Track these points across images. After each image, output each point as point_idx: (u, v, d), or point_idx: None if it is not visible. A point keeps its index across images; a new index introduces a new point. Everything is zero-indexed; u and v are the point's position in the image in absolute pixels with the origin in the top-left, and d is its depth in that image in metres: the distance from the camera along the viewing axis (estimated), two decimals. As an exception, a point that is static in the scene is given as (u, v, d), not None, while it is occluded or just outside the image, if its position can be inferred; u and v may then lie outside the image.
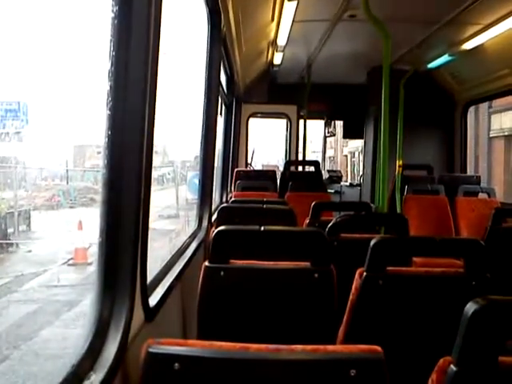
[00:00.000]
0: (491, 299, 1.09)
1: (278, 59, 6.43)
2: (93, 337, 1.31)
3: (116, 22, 1.37)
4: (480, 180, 6.36)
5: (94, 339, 1.31)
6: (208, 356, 1.15)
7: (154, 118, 1.54)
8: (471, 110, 7.87)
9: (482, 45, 5.25)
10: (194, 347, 1.18)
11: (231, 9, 3.58)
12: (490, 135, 15.40)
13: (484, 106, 14.76)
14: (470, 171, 8.34)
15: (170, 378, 1.13)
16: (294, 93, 7.79)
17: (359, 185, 8.47)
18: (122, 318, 1.36)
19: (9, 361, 5.13)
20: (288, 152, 8.09)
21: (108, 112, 1.38)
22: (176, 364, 1.13)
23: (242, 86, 6.94)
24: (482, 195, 5.78)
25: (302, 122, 7.97)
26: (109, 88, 1.38)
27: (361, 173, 8.86)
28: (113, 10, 1.36)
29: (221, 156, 6.22)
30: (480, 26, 4.83)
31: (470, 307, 1.07)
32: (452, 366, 1.07)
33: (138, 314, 1.49)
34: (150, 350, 1.15)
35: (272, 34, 5.36)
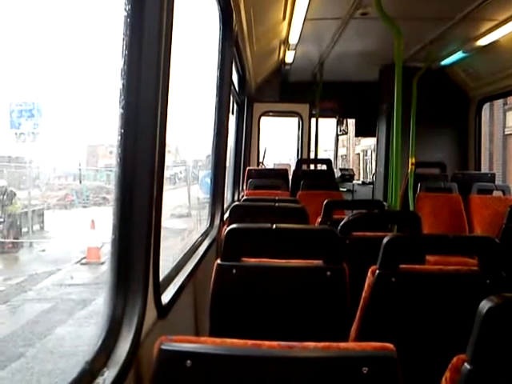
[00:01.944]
0: (506, 297, 1.07)
1: (289, 58, 6.42)
2: (106, 334, 1.32)
3: (129, 20, 1.37)
4: (494, 177, 6.29)
5: (107, 336, 1.32)
6: (220, 353, 1.15)
7: (166, 117, 1.55)
8: (486, 106, 7.79)
9: (496, 41, 5.19)
10: (207, 344, 1.18)
11: (243, 7, 3.58)
12: (505, 132, 15.23)
13: (499, 103, 14.61)
14: (484, 169, 8.24)
15: (183, 374, 1.13)
16: (305, 91, 7.77)
17: (372, 183, 8.42)
18: (135, 315, 1.37)
19: (24, 358, 5.19)
20: (300, 150, 8.08)
21: (121, 110, 1.38)
22: (188, 361, 1.13)
23: (253, 85, 6.94)
24: (496, 193, 5.72)
25: (313, 120, 7.95)
26: (121, 87, 1.38)
27: (373, 171, 8.81)
28: (125, 9, 1.37)
29: (233, 155, 6.23)
30: (495, 21, 4.78)
31: (485, 305, 1.06)
32: (466, 364, 1.06)
33: (151, 312, 1.50)
34: (163, 347, 1.15)
35: (284, 33, 5.35)
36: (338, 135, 10.78)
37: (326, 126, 11.28)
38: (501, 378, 1.04)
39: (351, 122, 10.50)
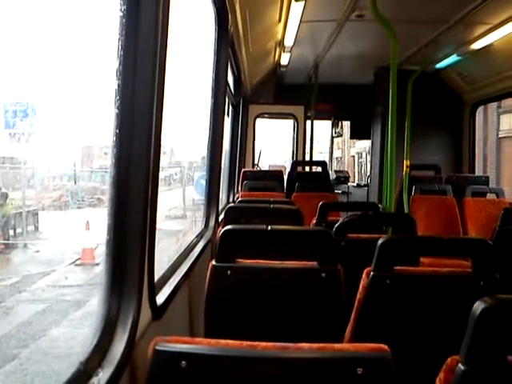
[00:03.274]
0: (500, 298, 1.08)
1: (285, 60, 6.43)
2: (101, 334, 1.32)
3: (124, 21, 1.37)
4: (488, 180, 6.32)
5: (101, 337, 1.31)
6: (215, 354, 1.15)
7: (161, 117, 1.55)
8: (480, 109, 7.83)
9: (490, 45, 5.22)
10: (201, 345, 1.18)
11: (238, 9, 3.58)
12: (499, 135, 15.31)
13: (493, 107, 14.68)
14: (478, 171, 8.28)
15: (177, 375, 1.13)
16: (301, 93, 7.78)
17: (366, 185, 8.45)
18: (130, 316, 1.37)
19: (18, 359, 5.16)
20: (295, 152, 8.09)
21: (116, 111, 1.38)
22: (183, 362, 1.13)
23: (248, 87, 6.94)
24: (490, 196, 5.75)
25: (309, 122, 7.96)
26: (117, 87, 1.38)
27: (368, 173, 8.84)
28: (121, 10, 1.37)
29: (228, 156, 6.23)
30: (489, 25, 4.80)
31: (479, 306, 1.07)
32: (460, 364, 1.06)
33: (146, 312, 1.50)
34: (158, 347, 1.15)
35: (279, 35, 5.36)
36: (332, 137, 10.81)
37: (321, 128, 11.31)
38: (494, 379, 1.05)
39: (346, 124, 10.53)
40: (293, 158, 8.18)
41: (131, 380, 1.34)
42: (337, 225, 2.73)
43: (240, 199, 4.31)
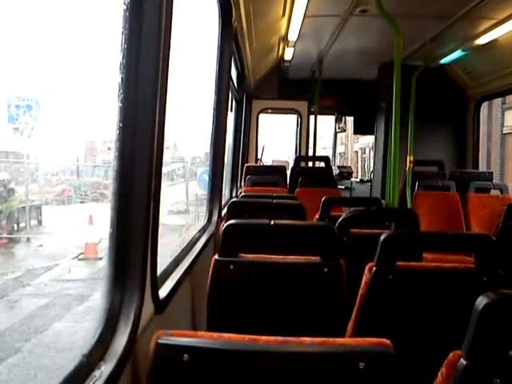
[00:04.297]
0: (503, 293, 1.08)
1: (288, 55, 6.41)
2: (103, 328, 1.32)
3: (128, 14, 1.37)
4: (492, 176, 6.29)
5: (104, 330, 1.32)
6: (217, 347, 1.15)
7: (165, 111, 1.55)
8: (484, 105, 7.80)
9: (495, 40, 5.19)
10: (204, 339, 1.18)
11: (242, 3, 3.57)
12: (504, 131, 15.25)
13: (497, 102, 14.62)
14: (482, 167, 8.26)
15: (179, 369, 1.14)
16: (304, 88, 7.77)
17: (369, 181, 8.44)
18: (132, 310, 1.37)
19: (21, 353, 5.19)
20: (298, 148, 8.08)
21: (119, 104, 1.38)
22: (185, 355, 1.13)
23: (252, 82, 6.93)
24: (494, 192, 5.73)
25: (312, 117, 7.95)
26: (120, 80, 1.38)
27: (371, 169, 8.83)
28: (124, 3, 1.37)
29: (231, 151, 6.23)
30: (494, 20, 4.78)
31: (481, 301, 1.07)
32: (462, 359, 1.06)
33: (148, 306, 1.50)
34: (160, 341, 1.16)
35: (283, 30, 5.34)
36: (336, 133, 10.79)
37: (325, 124, 11.28)
38: (496, 374, 1.05)
39: (350, 119, 10.50)
40: (296, 153, 8.18)
41: (133, 373, 1.35)
42: (339, 220, 2.73)
43: (243, 194, 4.31)
